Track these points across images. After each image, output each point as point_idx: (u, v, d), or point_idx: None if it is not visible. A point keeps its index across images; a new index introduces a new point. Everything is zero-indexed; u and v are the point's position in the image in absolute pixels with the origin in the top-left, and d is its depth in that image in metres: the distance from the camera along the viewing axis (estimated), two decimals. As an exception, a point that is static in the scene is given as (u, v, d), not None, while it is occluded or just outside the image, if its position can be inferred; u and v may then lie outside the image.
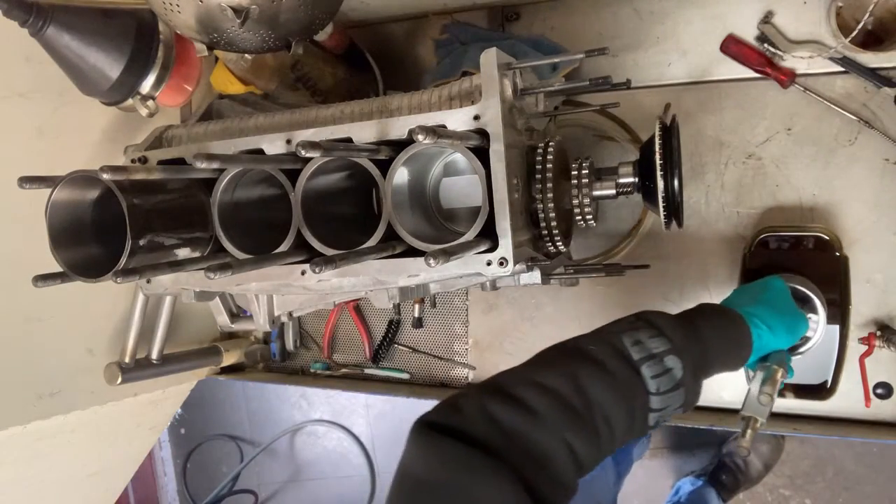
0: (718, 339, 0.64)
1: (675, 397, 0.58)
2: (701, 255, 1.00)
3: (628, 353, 0.57)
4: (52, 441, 1.01)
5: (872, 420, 0.92)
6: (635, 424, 0.57)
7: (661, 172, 0.73)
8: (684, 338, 0.60)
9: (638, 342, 0.58)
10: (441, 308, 1.17)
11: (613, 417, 0.54)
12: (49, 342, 0.96)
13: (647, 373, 0.56)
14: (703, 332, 0.62)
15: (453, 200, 0.78)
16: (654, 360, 0.57)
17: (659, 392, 0.56)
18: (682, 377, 0.57)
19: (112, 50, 0.75)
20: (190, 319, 1.22)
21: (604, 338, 0.59)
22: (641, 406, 0.57)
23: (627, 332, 0.59)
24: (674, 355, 0.58)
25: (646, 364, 0.57)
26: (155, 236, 0.66)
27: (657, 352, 0.58)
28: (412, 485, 0.50)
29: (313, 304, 0.83)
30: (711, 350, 0.62)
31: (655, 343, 0.58)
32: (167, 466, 2.65)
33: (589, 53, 0.71)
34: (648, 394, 0.56)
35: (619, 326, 0.61)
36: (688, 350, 0.59)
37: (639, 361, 0.57)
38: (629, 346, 0.58)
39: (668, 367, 0.57)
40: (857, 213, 0.92)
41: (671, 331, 0.59)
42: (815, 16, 0.93)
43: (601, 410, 0.54)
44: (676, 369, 0.57)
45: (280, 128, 0.77)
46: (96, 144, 0.99)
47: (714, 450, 1.63)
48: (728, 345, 0.65)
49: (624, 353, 0.57)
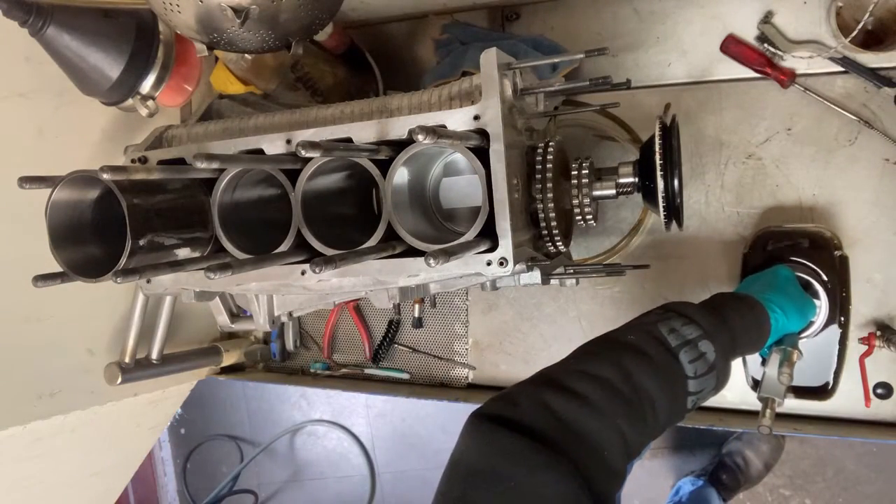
0: (743, 323, 0.68)
1: (710, 380, 0.61)
2: (701, 255, 1.00)
3: (666, 340, 0.60)
4: (52, 441, 1.01)
5: (872, 420, 0.92)
6: (676, 408, 0.59)
7: (661, 172, 0.73)
8: (713, 324, 0.63)
9: (673, 329, 0.62)
10: (441, 308, 1.17)
11: (658, 402, 0.57)
12: (49, 342, 0.96)
13: (685, 358, 0.60)
14: (729, 317, 0.66)
15: (453, 200, 0.78)
16: (690, 346, 0.61)
17: (696, 376, 0.60)
18: (714, 360, 0.61)
19: (112, 50, 0.75)
20: (190, 319, 1.22)
21: (642, 328, 0.62)
22: (682, 390, 0.60)
23: (662, 321, 0.62)
24: (707, 340, 0.61)
25: (683, 350, 0.60)
26: (155, 236, 0.66)
27: (692, 338, 0.61)
28: (467, 472, 0.50)
29: (313, 304, 0.83)
30: (738, 334, 0.66)
31: (689, 330, 0.62)
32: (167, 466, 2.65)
33: (589, 53, 0.71)
34: (687, 378, 0.60)
35: (651, 318, 0.64)
36: (718, 334, 0.63)
37: (676, 347, 0.60)
38: (666, 334, 0.61)
39: (703, 352, 0.61)
40: (857, 213, 0.92)
41: (701, 318, 0.63)
42: (815, 16, 0.93)
43: (648, 396, 0.56)
44: (710, 353, 0.61)
45: (280, 128, 0.77)
46: (96, 144, 0.99)
47: (714, 450, 1.63)
48: (751, 328, 0.69)
49: (662, 340, 0.60)
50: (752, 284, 0.81)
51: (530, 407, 0.53)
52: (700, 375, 0.60)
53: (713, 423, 0.95)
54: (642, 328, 0.62)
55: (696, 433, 1.86)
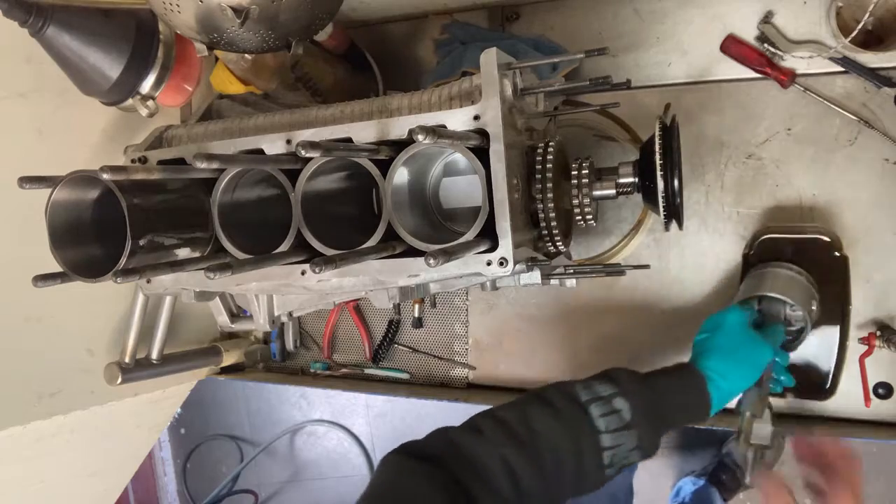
0: (672, 389, 0.69)
1: (627, 437, 0.63)
2: (701, 256, 1.00)
3: (577, 395, 0.65)
4: (52, 441, 1.01)
5: (872, 420, 0.92)
6: (586, 460, 0.62)
7: (661, 172, 0.73)
8: (634, 383, 0.66)
9: (588, 387, 0.66)
10: (441, 308, 1.17)
11: (559, 447, 0.61)
12: (49, 342, 0.96)
13: (595, 412, 0.63)
14: (656, 382, 0.68)
15: (453, 200, 0.78)
16: (602, 401, 0.64)
17: (608, 430, 0.62)
18: (631, 419, 0.63)
19: (112, 50, 0.75)
20: (190, 319, 1.21)
21: (559, 385, 0.67)
22: (591, 443, 0.62)
23: (581, 382, 0.67)
24: (621, 397, 0.64)
25: (593, 404, 0.63)
26: (155, 236, 0.66)
27: (605, 394, 0.64)
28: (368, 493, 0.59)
29: (313, 304, 0.83)
30: (665, 398, 0.67)
31: (604, 387, 0.65)
32: (167, 466, 2.65)
33: (589, 53, 0.71)
34: (598, 431, 0.62)
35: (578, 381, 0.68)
36: (637, 394, 0.65)
37: (587, 402, 0.64)
38: (580, 391, 0.65)
39: (617, 409, 0.63)
40: (857, 213, 0.92)
41: (622, 377, 0.66)
42: (815, 16, 0.93)
43: (545, 440, 0.61)
44: (625, 411, 0.63)
45: (280, 128, 0.77)
46: (96, 144, 0.99)
47: (714, 450, 1.63)
48: (680, 392, 0.69)
49: (574, 396, 0.65)
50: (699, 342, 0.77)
51: (435, 439, 0.63)
52: (614, 430, 0.62)
53: (713, 424, 0.95)
54: (559, 386, 0.67)
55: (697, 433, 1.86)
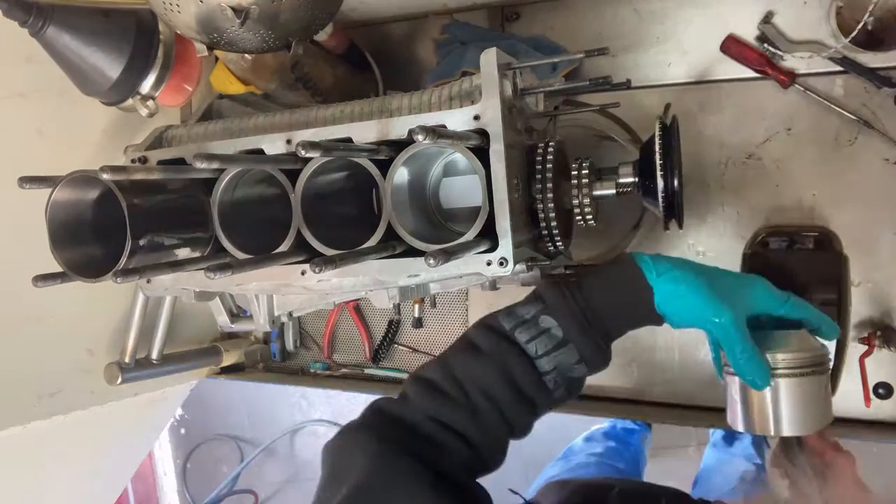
0: (601, 287, 0.61)
1: (566, 354, 0.58)
2: (701, 255, 1.00)
3: (500, 327, 0.60)
4: (52, 441, 1.01)
5: (872, 420, 0.92)
6: (525, 388, 0.58)
7: (661, 172, 0.73)
8: (559, 295, 0.60)
9: (511, 313, 0.61)
10: (441, 308, 1.17)
11: (490, 387, 0.57)
12: (49, 342, 0.96)
13: (522, 338, 0.59)
14: (583, 287, 0.61)
15: (453, 200, 0.78)
16: (527, 325, 0.59)
17: (542, 354, 0.58)
18: (564, 335, 0.58)
19: (112, 50, 0.75)
20: (190, 319, 1.22)
21: (483, 321, 0.63)
22: (525, 372, 0.58)
23: (506, 309, 0.62)
24: (547, 315, 0.59)
25: (518, 330, 0.59)
26: (155, 236, 0.66)
27: (528, 316, 0.59)
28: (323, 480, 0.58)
29: (313, 304, 0.83)
30: (595, 301, 0.60)
31: (527, 308, 0.60)
32: (167, 466, 2.65)
33: (589, 53, 0.71)
34: (530, 357, 0.58)
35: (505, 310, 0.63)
36: (563, 306, 0.59)
37: (511, 329, 0.59)
38: (502, 320, 0.60)
39: (545, 328, 0.59)
40: (858, 213, 0.92)
41: (548, 293, 0.60)
42: (815, 16, 0.93)
43: (472, 384, 0.58)
44: (554, 328, 0.58)
45: (280, 128, 0.77)
46: (96, 144, 0.99)
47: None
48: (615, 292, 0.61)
49: (496, 327, 0.60)
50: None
51: (367, 410, 0.61)
52: (547, 353, 0.58)
53: (713, 424, 0.95)
54: (483, 321, 0.62)
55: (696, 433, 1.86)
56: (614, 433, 1.54)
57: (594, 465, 1.25)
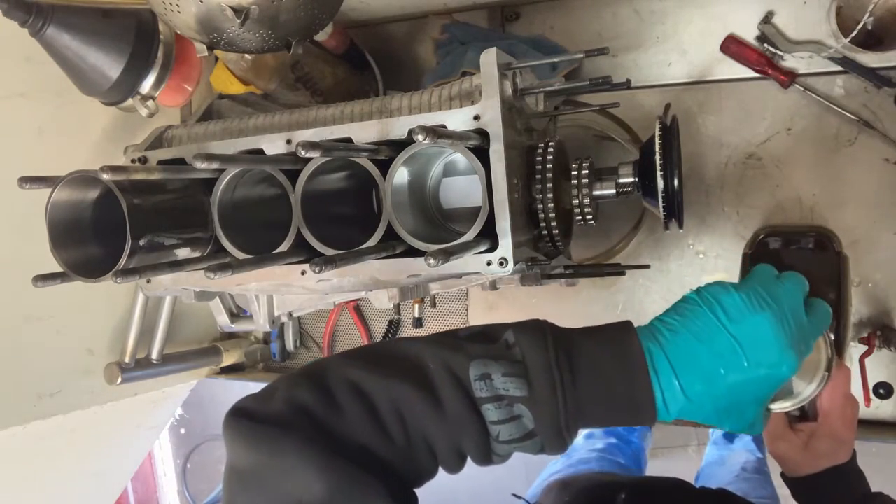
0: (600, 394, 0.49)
1: (528, 446, 0.49)
2: (701, 255, 1.00)
3: (469, 388, 0.48)
4: (52, 441, 1.01)
5: (872, 420, 0.92)
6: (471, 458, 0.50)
7: (661, 172, 0.73)
8: (548, 389, 0.48)
9: (486, 377, 0.48)
10: (441, 308, 1.17)
11: (436, 446, 0.49)
12: (49, 342, 0.96)
13: (490, 415, 0.48)
14: (582, 387, 0.48)
15: (453, 200, 0.78)
16: (501, 404, 0.48)
17: (504, 441, 0.48)
18: (534, 428, 0.48)
19: (112, 50, 0.75)
20: (190, 319, 1.22)
21: (450, 358, 0.50)
22: (477, 450, 0.49)
23: (479, 360, 0.49)
24: (526, 406, 0.48)
25: (489, 405, 0.48)
26: (155, 236, 0.66)
27: (506, 395, 0.48)
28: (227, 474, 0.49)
29: (313, 304, 0.83)
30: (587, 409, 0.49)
31: (509, 385, 0.48)
32: (167, 466, 2.65)
33: (589, 53, 0.71)
34: (489, 436, 0.49)
35: (477, 348, 0.50)
36: (548, 404, 0.48)
37: (480, 400, 0.48)
38: (474, 380, 0.48)
39: (517, 415, 0.48)
40: (857, 212, 0.92)
41: (535, 377, 0.48)
42: (815, 16, 0.93)
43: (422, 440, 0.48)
44: (527, 419, 0.48)
45: (280, 128, 0.77)
46: (96, 144, 0.99)
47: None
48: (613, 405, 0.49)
49: (466, 387, 0.48)
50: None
51: (284, 403, 0.48)
52: (510, 441, 0.48)
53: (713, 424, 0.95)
54: (452, 361, 0.49)
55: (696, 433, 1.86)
56: (615, 430, 1.53)
57: (595, 461, 1.25)
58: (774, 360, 0.48)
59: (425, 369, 0.50)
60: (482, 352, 0.50)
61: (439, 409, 0.48)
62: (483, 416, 0.48)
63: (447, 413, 0.48)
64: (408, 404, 0.48)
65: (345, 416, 0.48)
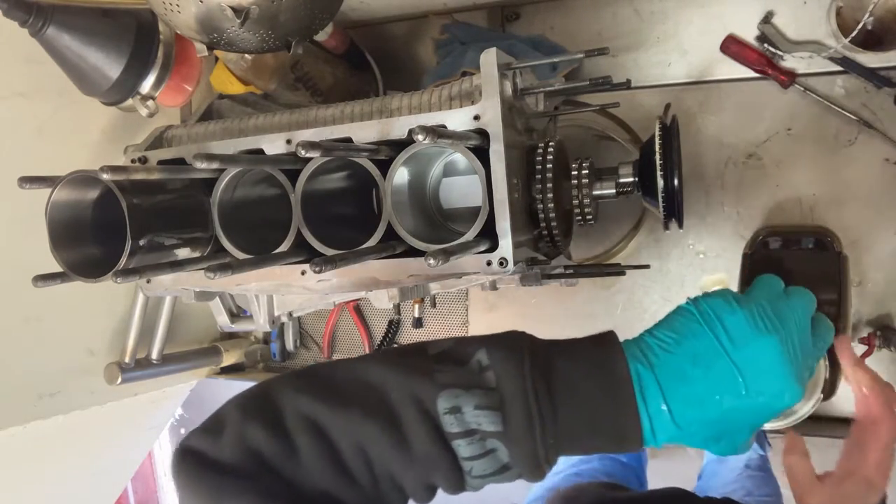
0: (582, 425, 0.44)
1: (503, 478, 0.45)
2: (701, 255, 1.00)
3: (439, 422, 0.44)
4: (52, 441, 1.01)
5: (872, 420, 0.92)
6: (442, 489, 0.46)
7: (661, 172, 0.73)
8: (525, 423, 0.43)
9: (457, 410, 0.43)
10: (441, 308, 1.17)
11: (403, 484, 0.45)
12: (49, 342, 0.96)
13: (462, 451, 0.44)
14: (562, 414, 0.44)
15: (453, 200, 0.78)
16: (473, 439, 0.44)
17: (478, 476, 0.45)
18: (509, 462, 0.44)
19: (112, 50, 0.75)
20: (190, 319, 1.22)
21: (417, 387, 0.45)
22: (448, 485, 0.45)
23: (449, 390, 0.44)
24: (500, 441, 0.43)
25: (462, 440, 0.44)
26: (155, 236, 0.66)
27: (478, 429, 0.43)
28: None
29: (313, 304, 0.83)
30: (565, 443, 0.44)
31: (482, 419, 0.43)
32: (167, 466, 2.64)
33: (589, 53, 0.71)
34: (462, 471, 0.45)
35: (447, 374, 0.45)
36: (526, 440, 0.43)
37: (451, 435, 0.44)
38: (443, 414, 0.44)
39: (491, 449, 0.44)
40: (857, 212, 0.92)
41: (511, 409, 0.43)
42: (815, 16, 0.93)
43: (390, 481, 0.45)
44: (501, 453, 0.44)
45: (280, 128, 0.77)
46: (96, 144, 0.99)
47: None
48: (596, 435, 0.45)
49: (434, 418, 0.44)
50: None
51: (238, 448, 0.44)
52: (484, 476, 0.44)
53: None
54: (419, 391, 0.44)
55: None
56: None
57: (597, 458, 1.24)
58: (777, 390, 0.44)
59: (390, 402, 0.45)
60: (452, 379, 0.45)
61: (407, 447, 0.44)
62: (454, 451, 0.44)
63: (415, 452, 0.44)
64: (372, 444, 0.44)
65: (303, 460, 0.43)
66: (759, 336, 0.44)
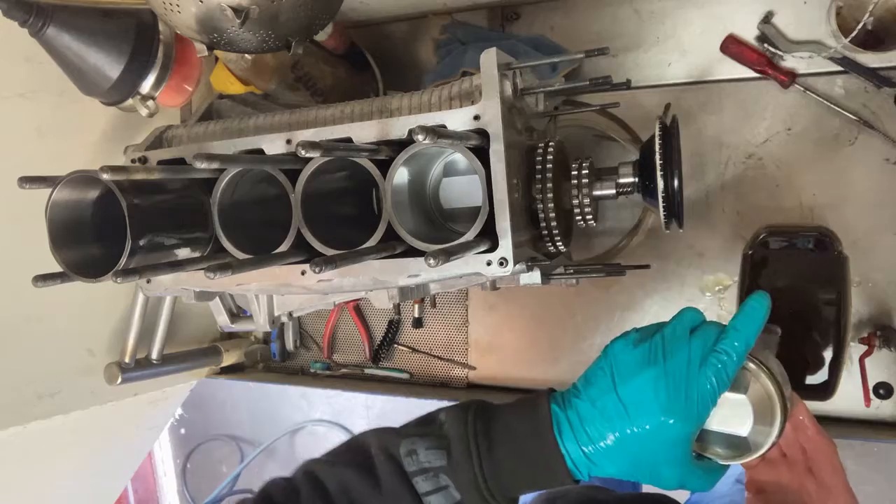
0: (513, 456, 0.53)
1: None
2: (701, 255, 1.00)
3: (401, 463, 0.54)
4: (52, 441, 1.01)
5: (872, 420, 0.92)
6: None
7: (661, 172, 0.73)
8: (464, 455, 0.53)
9: (413, 452, 0.54)
10: (441, 308, 1.17)
11: None
12: (49, 342, 0.96)
13: (421, 487, 0.53)
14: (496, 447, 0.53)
15: (453, 200, 0.78)
16: (429, 475, 0.53)
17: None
18: (461, 498, 0.53)
19: (112, 50, 0.75)
20: (190, 319, 1.22)
21: (387, 440, 0.57)
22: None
23: (409, 438, 0.55)
24: (447, 475, 0.53)
25: (419, 477, 0.54)
26: (155, 236, 0.66)
27: (430, 466, 0.53)
28: None
29: (313, 304, 0.83)
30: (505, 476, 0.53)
31: (432, 457, 0.54)
32: (167, 466, 2.65)
33: (589, 53, 0.71)
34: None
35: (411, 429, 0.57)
36: (465, 471, 0.52)
37: (412, 474, 0.54)
38: (403, 456, 0.55)
39: (444, 485, 0.53)
40: (857, 213, 0.92)
41: (453, 445, 0.54)
42: (815, 16, 0.93)
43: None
44: (452, 488, 0.53)
45: (280, 128, 0.77)
46: (96, 144, 0.99)
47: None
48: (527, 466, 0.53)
49: (397, 461, 0.55)
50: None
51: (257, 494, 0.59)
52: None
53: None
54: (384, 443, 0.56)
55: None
56: None
57: None
58: (655, 422, 0.48)
59: (368, 453, 0.57)
60: (413, 431, 0.56)
61: (377, 486, 0.54)
62: (415, 488, 0.53)
63: (384, 489, 0.54)
64: (353, 485, 0.55)
65: (301, 499, 0.56)
66: (641, 371, 0.50)
